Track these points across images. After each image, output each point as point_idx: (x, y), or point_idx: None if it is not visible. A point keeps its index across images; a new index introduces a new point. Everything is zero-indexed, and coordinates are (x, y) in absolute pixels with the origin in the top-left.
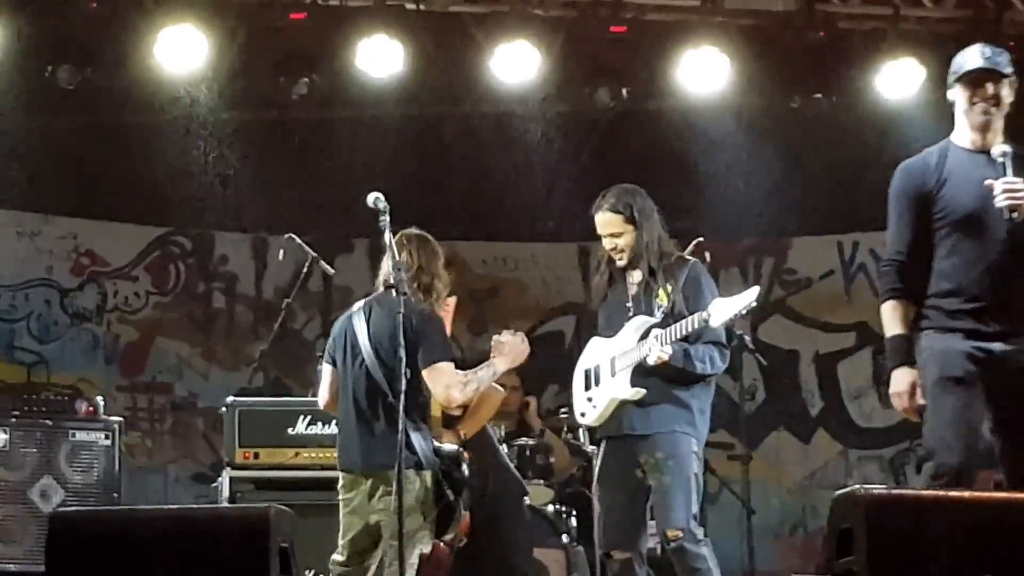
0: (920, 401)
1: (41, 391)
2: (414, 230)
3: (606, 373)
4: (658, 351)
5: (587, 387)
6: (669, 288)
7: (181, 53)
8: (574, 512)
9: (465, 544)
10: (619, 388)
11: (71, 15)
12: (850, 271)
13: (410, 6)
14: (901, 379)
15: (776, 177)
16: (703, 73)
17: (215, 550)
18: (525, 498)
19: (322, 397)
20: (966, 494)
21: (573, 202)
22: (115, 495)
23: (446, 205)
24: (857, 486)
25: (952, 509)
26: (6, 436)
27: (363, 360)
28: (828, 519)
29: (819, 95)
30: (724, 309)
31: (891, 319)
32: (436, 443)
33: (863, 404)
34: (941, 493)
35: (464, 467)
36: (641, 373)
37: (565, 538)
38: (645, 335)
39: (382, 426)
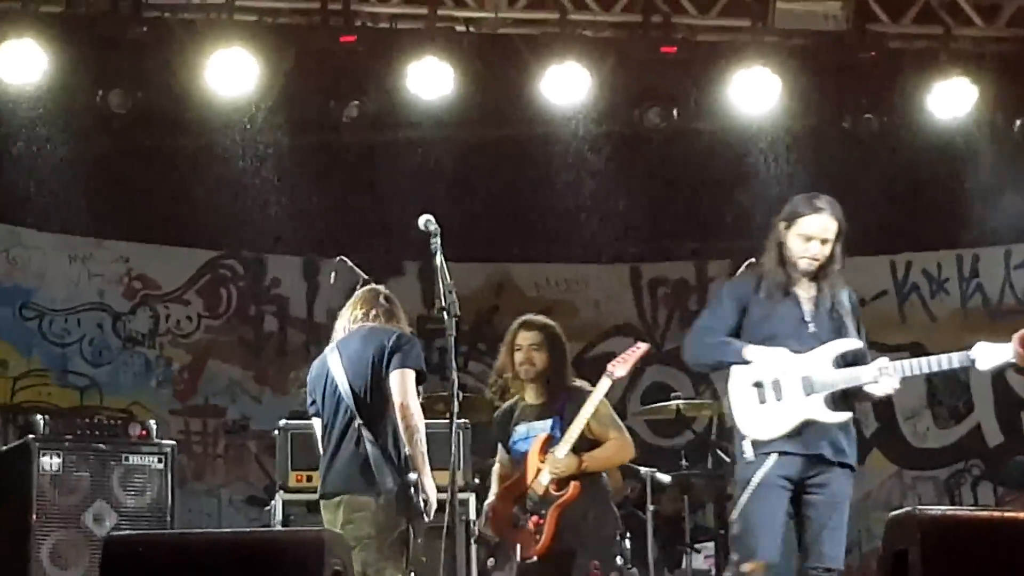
0: None
1: (94, 415)
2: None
3: (795, 390)
4: (892, 385)
5: (762, 399)
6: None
7: (231, 76)
8: (627, 534)
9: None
10: (819, 410)
11: (121, 39)
12: (903, 291)
13: (460, 28)
14: None
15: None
16: (753, 93)
17: (268, 574)
18: (619, 537)
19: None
20: (1022, 515)
21: (624, 223)
22: (168, 519)
23: (497, 227)
24: (912, 507)
25: (1008, 530)
26: (59, 460)
27: (337, 390)
28: (883, 540)
29: (870, 115)
30: (990, 355)
31: None
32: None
33: (917, 424)
34: (997, 514)
35: (418, 497)
36: (838, 397)
37: (619, 560)
38: (847, 359)
39: (347, 452)
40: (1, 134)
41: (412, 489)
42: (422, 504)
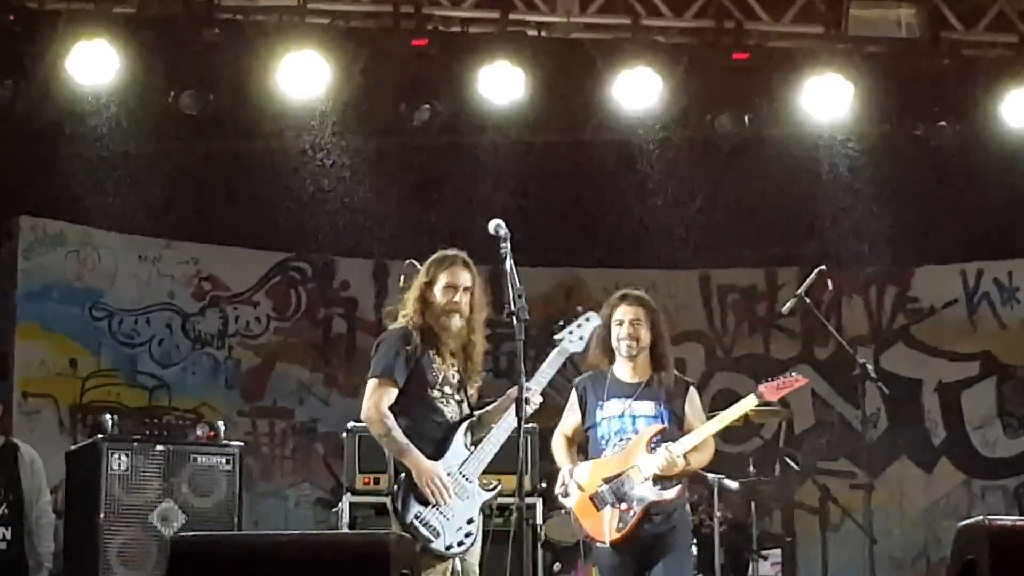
0: None
1: (162, 415)
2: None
3: None
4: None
5: None
6: None
7: (303, 79)
8: (695, 541)
9: None
10: None
11: (194, 41)
12: (974, 300)
13: (532, 32)
14: None
15: (899, 205)
16: (826, 100)
17: None
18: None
19: None
20: None
21: (694, 229)
22: (235, 520)
23: (567, 232)
24: (981, 516)
25: None
26: (128, 460)
27: None
28: (952, 550)
29: (943, 123)
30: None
31: None
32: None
33: (987, 434)
34: None
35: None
36: None
37: None
38: None
39: None
40: (73, 135)
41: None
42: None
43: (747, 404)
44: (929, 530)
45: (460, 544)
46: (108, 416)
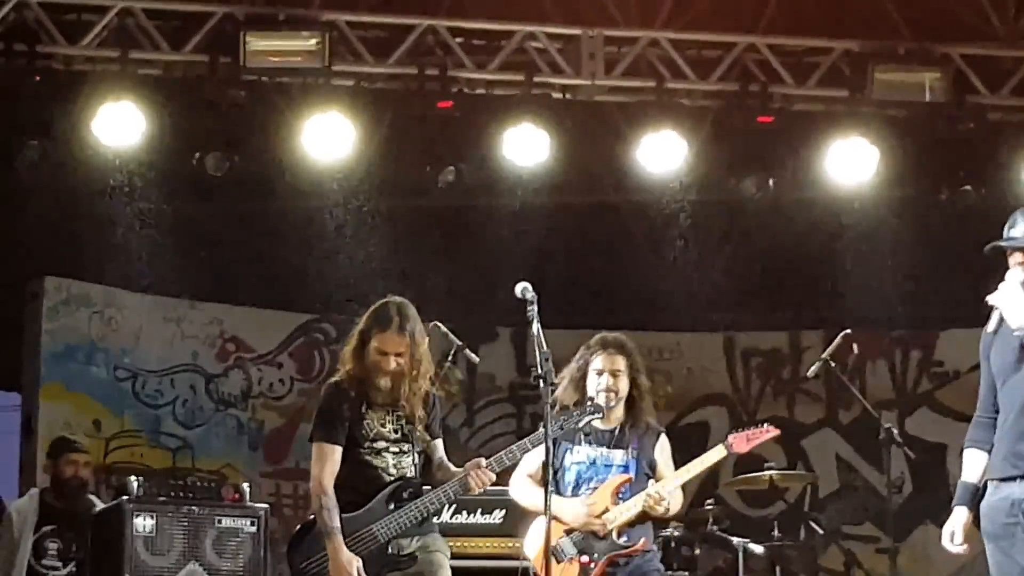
0: None
1: (186, 476)
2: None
3: None
4: None
5: None
6: None
7: (328, 141)
8: None
9: None
10: None
11: (218, 103)
12: None
13: (556, 95)
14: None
15: (923, 269)
16: (850, 163)
17: None
18: None
19: None
20: None
21: (718, 292)
22: None
23: (591, 295)
24: None
25: None
26: (153, 522)
27: None
28: None
29: (968, 187)
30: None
31: None
32: None
33: None
34: None
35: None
36: None
37: None
38: None
39: None
40: (99, 196)
41: None
42: None
43: (716, 454)
44: None
45: None
46: (133, 478)
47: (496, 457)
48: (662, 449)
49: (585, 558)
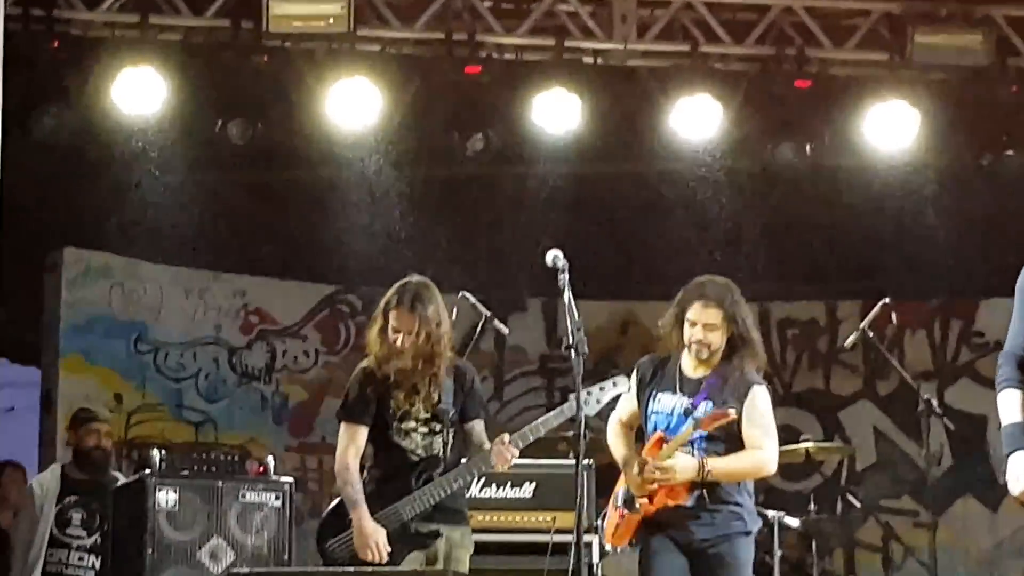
0: None
1: (210, 451)
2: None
3: None
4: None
5: None
6: None
7: (353, 107)
8: None
9: None
10: None
11: (241, 70)
12: None
13: (587, 60)
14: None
15: (963, 237)
16: (890, 128)
17: None
18: None
19: None
20: None
21: (753, 261)
22: (286, 557)
23: (622, 264)
24: None
25: None
26: (175, 496)
27: None
28: None
29: (1010, 152)
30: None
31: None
32: None
33: None
34: None
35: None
36: None
37: None
38: None
39: None
40: (119, 165)
41: None
42: None
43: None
44: (994, 569)
45: None
46: (155, 451)
47: (520, 433)
48: (752, 403)
49: (622, 510)
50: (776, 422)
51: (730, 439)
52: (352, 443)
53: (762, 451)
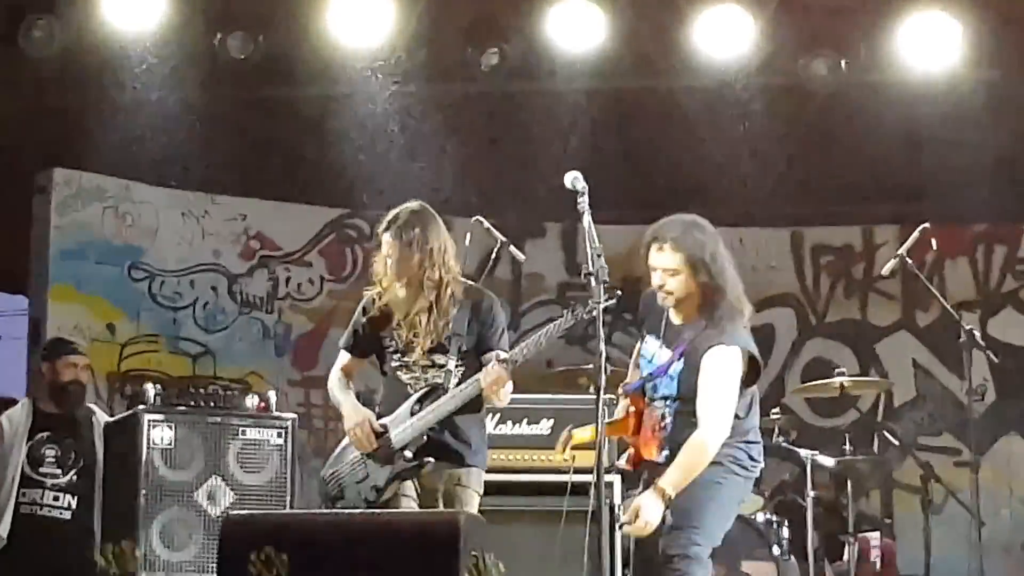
0: None
1: (208, 384)
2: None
3: None
4: None
5: None
6: None
7: (360, 19)
8: (786, 522)
9: None
10: None
11: None
12: None
13: None
14: None
15: (1008, 158)
16: (930, 41)
17: (399, 559)
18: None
19: None
20: None
21: (785, 184)
22: (288, 498)
23: (647, 186)
24: None
25: None
26: (171, 433)
27: None
28: None
29: None
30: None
31: None
32: None
33: None
34: None
35: None
36: None
37: (776, 550)
38: None
39: None
40: (112, 80)
41: None
42: None
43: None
44: None
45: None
46: (149, 385)
47: (512, 352)
48: (704, 370)
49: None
50: (809, 354)
51: None
52: (341, 365)
53: (696, 434)
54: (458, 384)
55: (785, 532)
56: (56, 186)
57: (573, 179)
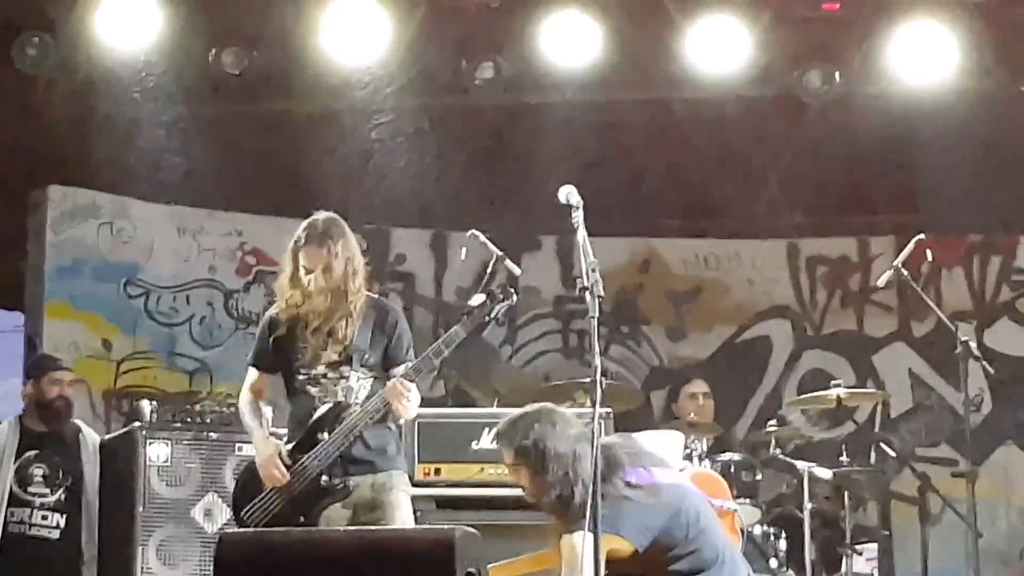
0: None
1: (204, 401)
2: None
3: None
4: None
5: None
6: None
7: (355, 33)
8: (784, 534)
9: None
10: None
11: None
12: None
13: None
14: None
15: (1003, 168)
16: (924, 53)
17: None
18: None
19: None
20: None
21: (781, 195)
22: None
23: (642, 200)
24: None
25: None
26: (168, 450)
27: None
28: None
29: None
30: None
31: None
32: None
33: None
34: None
35: None
36: None
37: (774, 562)
38: None
39: None
40: (108, 99)
41: None
42: None
43: None
44: None
45: None
46: (146, 402)
47: (414, 363)
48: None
49: None
50: (805, 366)
51: None
52: (250, 384)
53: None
54: (367, 399)
55: (782, 544)
56: (51, 202)
57: (567, 193)
